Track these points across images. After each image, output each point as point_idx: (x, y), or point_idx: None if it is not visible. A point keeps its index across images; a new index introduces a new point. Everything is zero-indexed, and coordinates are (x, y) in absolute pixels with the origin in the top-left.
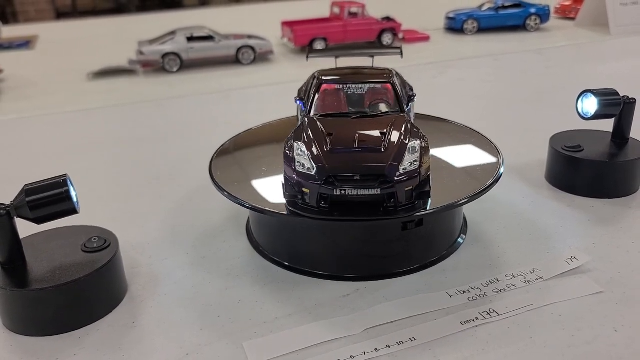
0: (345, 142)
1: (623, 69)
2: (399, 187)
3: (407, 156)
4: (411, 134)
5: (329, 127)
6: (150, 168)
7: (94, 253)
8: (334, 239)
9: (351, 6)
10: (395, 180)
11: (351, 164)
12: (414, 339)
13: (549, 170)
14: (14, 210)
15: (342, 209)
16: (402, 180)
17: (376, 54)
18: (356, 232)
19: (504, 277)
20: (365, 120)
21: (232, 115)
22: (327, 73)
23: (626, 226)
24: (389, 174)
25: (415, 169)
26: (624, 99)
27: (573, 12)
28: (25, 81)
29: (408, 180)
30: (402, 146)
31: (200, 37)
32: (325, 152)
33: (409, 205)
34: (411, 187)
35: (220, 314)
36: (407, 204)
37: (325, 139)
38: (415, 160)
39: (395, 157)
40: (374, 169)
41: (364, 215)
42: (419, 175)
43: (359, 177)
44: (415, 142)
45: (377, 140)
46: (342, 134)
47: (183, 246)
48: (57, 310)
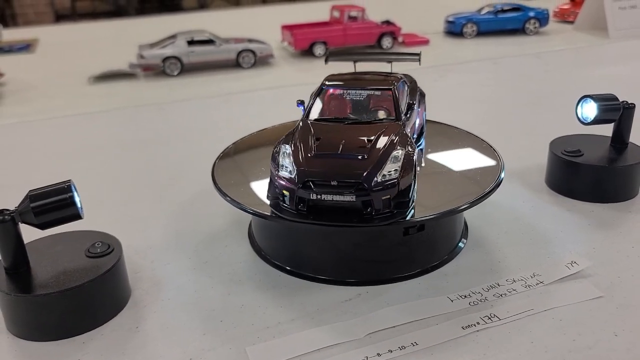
0: (330, 148)
1: (622, 72)
2: (375, 196)
3: (387, 165)
4: (399, 142)
5: (320, 132)
6: (152, 172)
7: (98, 258)
8: (335, 243)
9: (351, 10)
10: (371, 188)
11: (329, 170)
12: (416, 344)
13: (549, 174)
14: (18, 215)
15: (321, 214)
16: (378, 188)
17: (394, 59)
18: (357, 237)
19: (504, 282)
20: (358, 127)
21: (233, 119)
22: (333, 78)
23: (626, 230)
24: (366, 182)
25: (394, 178)
26: (623, 104)
27: (572, 15)
28: (26, 85)
29: (385, 189)
30: (384, 154)
31: (200, 40)
32: (308, 157)
33: (387, 213)
34: (389, 196)
35: (223, 319)
36: (385, 212)
37: (312, 144)
38: (396, 170)
39: (375, 166)
40: (351, 176)
41: (342, 221)
42: (397, 185)
43: (336, 183)
44: (399, 152)
45: (362, 147)
46: (330, 139)
47: (185, 251)
48: (61, 315)
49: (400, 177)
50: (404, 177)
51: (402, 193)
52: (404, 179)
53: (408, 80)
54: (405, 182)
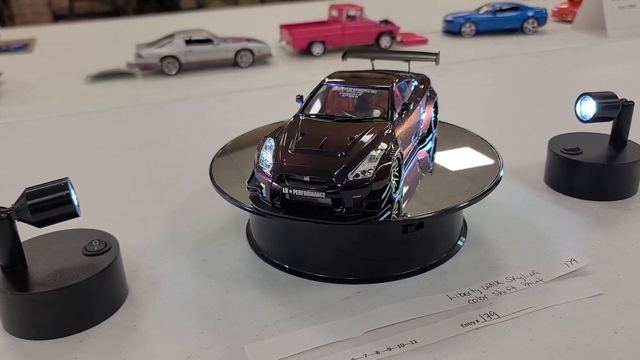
0: (310, 144)
1: (620, 71)
2: (345, 194)
3: (363, 164)
4: (382, 142)
5: (306, 128)
6: (150, 171)
7: (95, 256)
8: (334, 241)
9: (349, 9)
10: (342, 187)
11: (303, 166)
12: (415, 342)
13: (548, 172)
14: (15, 213)
15: (295, 209)
16: (349, 187)
17: (412, 58)
18: (356, 235)
19: (504, 280)
20: (346, 124)
21: (231, 118)
22: (335, 75)
23: (625, 228)
24: (337, 180)
25: (368, 178)
26: (622, 102)
27: (570, 15)
28: (24, 84)
29: (357, 188)
30: (362, 153)
31: (198, 40)
32: (287, 151)
33: (358, 213)
34: (360, 195)
35: (221, 317)
36: (357, 212)
37: (294, 139)
38: (370, 170)
39: (349, 164)
40: (322, 173)
41: (315, 218)
42: (370, 185)
43: (309, 179)
44: (377, 152)
45: (342, 145)
46: (313, 135)
47: (183, 249)
48: (57, 313)
49: (374, 178)
50: (378, 177)
51: (375, 193)
52: (379, 179)
53: (419, 79)
54: (379, 183)
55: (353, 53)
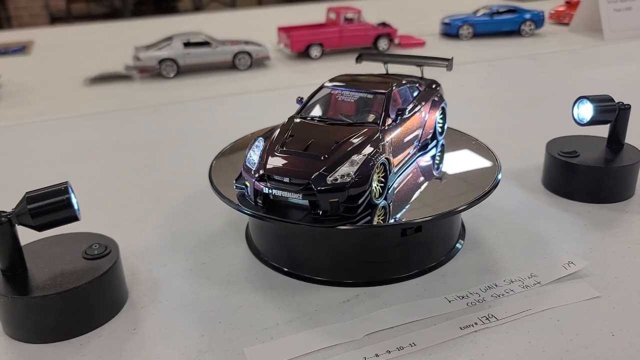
0: (296, 146)
1: (617, 74)
2: (322, 197)
3: (342, 168)
4: (367, 147)
5: (297, 129)
6: (149, 174)
7: (95, 260)
8: (333, 244)
9: (347, 12)
10: (318, 190)
11: (284, 167)
12: (414, 344)
13: (546, 175)
14: (15, 217)
15: (276, 209)
16: (326, 190)
17: (424, 63)
18: (355, 238)
19: (502, 282)
20: (336, 128)
21: (230, 121)
22: (336, 78)
23: (622, 231)
24: (314, 182)
25: (346, 182)
26: (619, 105)
27: (567, 17)
28: (22, 87)
29: (334, 191)
30: (343, 158)
31: (196, 42)
32: (273, 152)
33: (335, 216)
34: (337, 199)
35: (221, 320)
36: (334, 215)
37: (282, 140)
38: (350, 174)
39: (328, 168)
40: (301, 175)
41: (295, 219)
42: (347, 189)
43: (288, 181)
44: (359, 156)
45: (326, 148)
46: (301, 137)
47: (183, 252)
48: (58, 317)
49: (353, 182)
50: (357, 182)
51: (352, 198)
52: (358, 184)
53: (427, 85)
54: (358, 188)
55: (367, 56)
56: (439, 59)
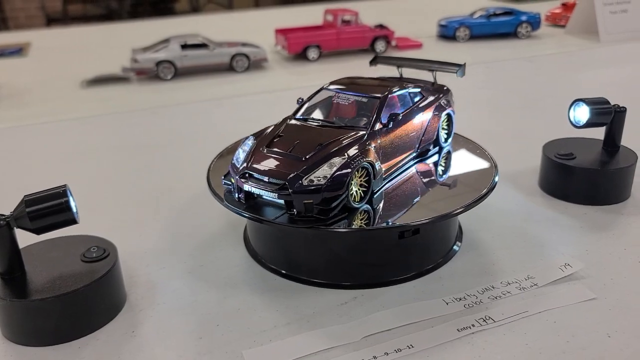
0: (282, 146)
1: (613, 76)
2: (296, 198)
3: (318, 171)
4: (351, 151)
5: (286, 130)
6: (147, 176)
7: (93, 263)
8: (331, 247)
9: (344, 14)
10: (293, 190)
11: (265, 166)
12: (412, 346)
13: (542, 177)
14: (13, 220)
15: (256, 207)
16: (300, 191)
17: (436, 68)
18: (353, 241)
19: (499, 284)
20: (325, 130)
21: (227, 123)
22: (337, 81)
23: (618, 233)
24: (289, 183)
25: (321, 184)
26: (615, 108)
27: (563, 19)
28: (19, 89)
29: (309, 193)
30: (322, 160)
31: (194, 44)
32: (258, 151)
33: (309, 217)
34: (311, 201)
35: (219, 323)
36: (309, 216)
37: (271, 140)
38: (326, 176)
39: (306, 169)
40: (279, 175)
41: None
42: (322, 191)
43: (267, 180)
44: (337, 160)
45: (308, 150)
46: (288, 138)
47: (181, 255)
48: (56, 320)
49: (328, 185)
50: (332, 185)
51: (327, 200)
52: (333, 187)
53: (433, 90)
54: (333, 190)
55: (382, 59)
56: (451, 64)
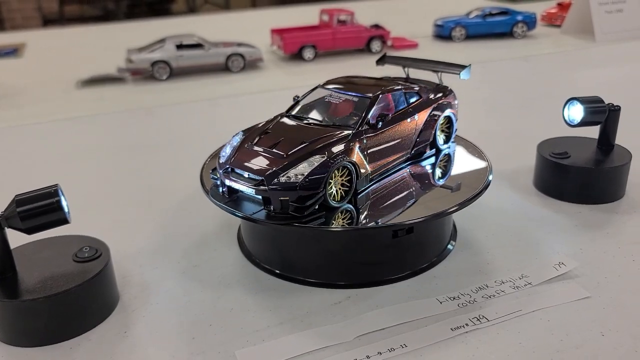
0: (266, 142)
1: (608, 75)
2: (272, 194)
3: (295, 169)
4: (332, 150)
5: (275, 127)
6: (141, 176)
7: (86, 263)
8: (324, 246)
9: (340, 14)
10: (269, 187)
11: (246, 162)
12: (405, 346)
13: (537, 176)
14: (4, 220)
15: (237, 202)
16: (276, 188)
17: (441, 70)
18: (346, 240)
19: (493, 283)
20: (312, 128)
21: (222, 123)
22: (333, 79)
23: (612, 232)
24: (266, 179)
25: (296, 182)
26: (609, 107)
27: (559, 19)
28: (14, 89)
29: (284, 190)
30: (301, 158)
31: (189, 45)
32: (244, 146)
33: (285, 214)
34: (287, 198)
35: (212, 323)
36: (285, 213)
37: (258, 136)
38: (303, 174)
39: (284, 166)
40: (258, 171)
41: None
42: (297, 189)
43: (247, 175)
44: (316, 158)
45: (290, 147)
46: (274, 135)
47: (174, 255)
48: (48, 320)
49: (304, 183)
50: (309, 183)
51: (303, 198)
52: (309, 185)
53: (433, 91)
54: (309, 189)
55: (389, 59)
56: (456, 65)
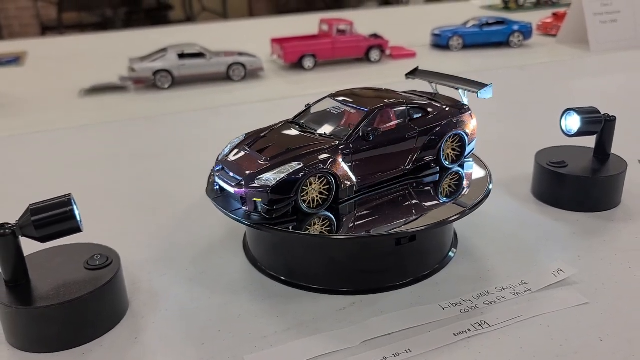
0: (258, 146)
1: (603, 85)
2: (248, 195)
3: (270, 173)
4: (310, 158)
5: (273, 132)
6: (146, 184)
7: (97, 270)
8: (329, 253)
9: (339, 24)
10: (245, 187)
11: (234, 162)
12: (410, 351)
13: (535, 185)
14: (19, 229)
15: (225, 200)
16: (251, 190)
17: (461, 87)
18: (351, 247)
19: (494, 290)
20: (304, 136)
21: (224, 132)
22: (341, 91)
23: (609, 239)
24: (245, 180)
25: (268, 186)
26: (605, 117)
27: (554, 29)
28: (17, 98)
29: (257, 192)
30: (280, 163)
31: (191, 54)
32: (237, 149)
33: (254, 214)
34: (260, 200)
35: (221, 329)
36: (257, 214)
37: (254, 139)
38: (277, 179)
39: (262, 170)
40: (240, 173)
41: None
42: (268, 193)
43: (232, 175)
44: (291, 165)
45: (274, 152)
46: (267, 140)
47: (182, 262)
48: (60, 327)
49: (274, 188)
50: (280, 188)
51: (272, 202)
52: (280, 190)
53: (450, 108)
54: (280, 194)
55: (414, 74)
56: (475, 84)
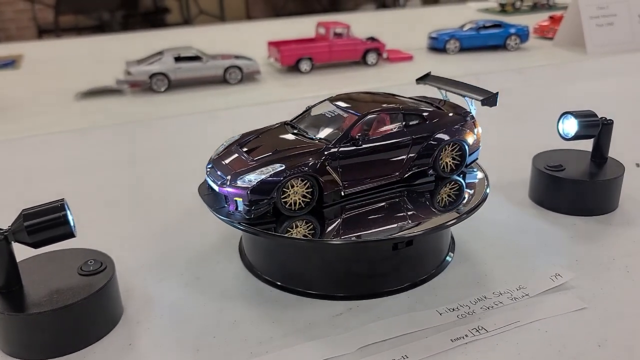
0: (248, 146)
1: (599, 88)
2: (230, 194)
3: (252, 174)
4: (294, 161)
5: (265, 133)
6: (141, 188)
7: (91, 276)
8: (325, 259)
9: (336, 27)
10: (228, 186)
11: (223, 161)
12: (406, 357)
13: (532, 189)
14: (11, 234)
15: (214, 197)
16: (233, 189)
17: (468, 95)
18: (347, 252)
19: (491, 295)
20: (294, 139)
21: (221, 135)
22: (340, 95)
23: (607, 243)
24: (230, 180)
25: (249, 186)
26: (602, 120)
27: (551, 32)
28: (13, 101)
29: (238, 192)
30: (264, 164)
31: (187, 57)
32: (231, 147)
33: (236, 212)
34: (240, 199)
35: (216, 335)
36: (234, 211)
37: (246, 140)
38: (257, 180)
39: (247, 169)
40: (225, 171)
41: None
42: (247, 193)
43: (219, 174)
44: (272, 167)
45: (261, 153)
46: (257, 141)
47: (177, 267)
48: (54, 333)
49: (254, 187)
50: (258, 189)
51: (253, 202)
52: (258, 191)
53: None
54: (258, 194)
55: (424, 80)
56: (480, 91)
